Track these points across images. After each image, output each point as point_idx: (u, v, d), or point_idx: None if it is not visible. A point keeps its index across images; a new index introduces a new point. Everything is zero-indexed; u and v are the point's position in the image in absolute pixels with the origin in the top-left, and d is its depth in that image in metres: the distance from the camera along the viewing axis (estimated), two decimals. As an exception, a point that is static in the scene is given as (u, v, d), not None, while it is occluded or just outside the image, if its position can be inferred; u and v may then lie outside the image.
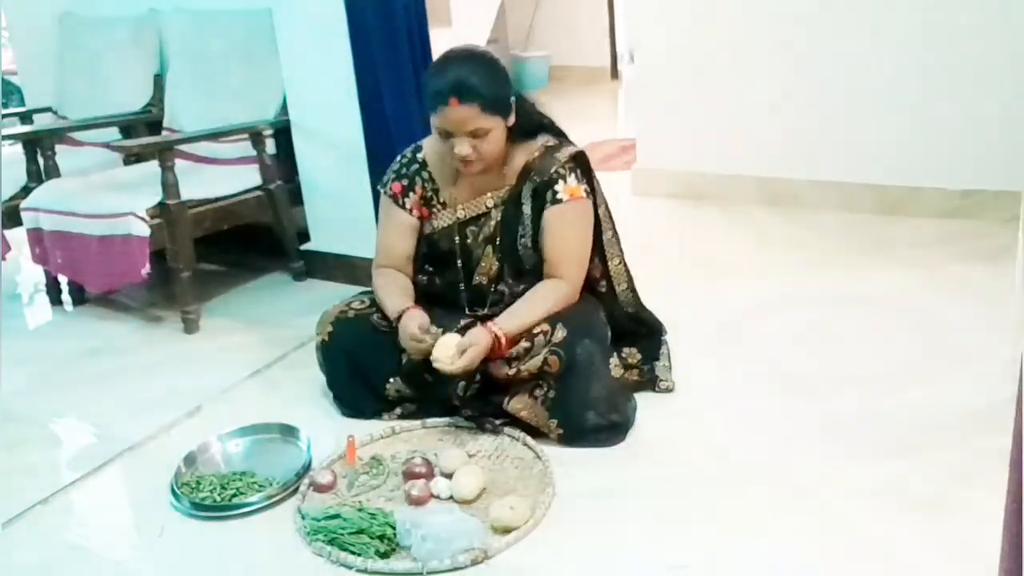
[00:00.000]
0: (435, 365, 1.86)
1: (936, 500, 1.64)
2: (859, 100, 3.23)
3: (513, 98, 1.93)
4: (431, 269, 2.13)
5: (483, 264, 2.07)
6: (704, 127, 3.59)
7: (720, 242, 3.16)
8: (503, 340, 1.87)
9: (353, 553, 1.59)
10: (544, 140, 2.02)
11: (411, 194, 2.07)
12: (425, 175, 2.07)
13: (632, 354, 2.13)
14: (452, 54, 1.94)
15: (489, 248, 2.05)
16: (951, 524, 1.57)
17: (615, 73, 6.84)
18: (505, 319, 1.91)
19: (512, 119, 1.94)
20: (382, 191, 2.11)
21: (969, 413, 1.92)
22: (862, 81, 3.20)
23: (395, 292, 2.03)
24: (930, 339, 2.28)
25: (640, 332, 2.17)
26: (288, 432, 2.03)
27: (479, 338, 1.86)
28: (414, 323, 1.90)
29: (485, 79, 1.86)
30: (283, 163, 3.00)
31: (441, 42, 2.83)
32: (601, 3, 6.64)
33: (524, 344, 1.90)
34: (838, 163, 3.32)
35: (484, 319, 1.97)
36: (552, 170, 1.96)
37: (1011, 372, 1.88)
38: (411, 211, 2.08)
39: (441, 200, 2.07)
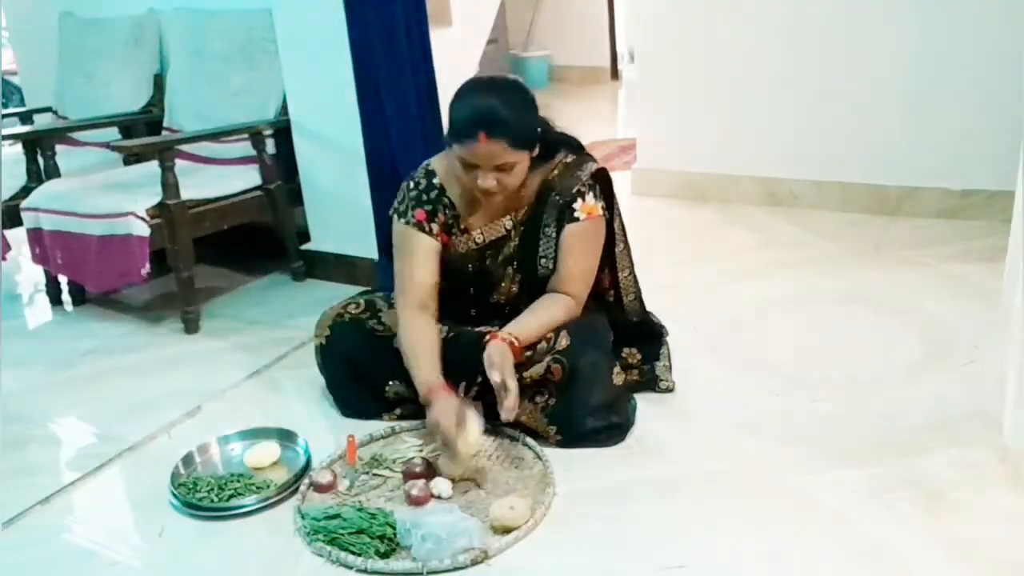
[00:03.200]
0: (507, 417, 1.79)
1: (935, 500, 1.64)
2: (859, 100, 3.23)
3: (540, 129, 1.89)
4: (443, 284, 2.07)
5: (503, 285, 2.05)
6: (704, 127, 3.59)
7: (720, 242, 3.16)
8: (517, 344, 1.83)
9: (353, 553, 1.59)
10: (561, 156, 1.98)
11: (436, 220, 2.00)
12: (446, 200, 2.00)
13: (632, 354, 2.13)
14: (480, 84, 1.87)
15: (510, 269, 2.03)
16: (950, 524, 1.57)
17: (615, 73, 6.83)
18: (513, 326, 1.88)
19: (537, 150, 1.90)
20: (401, 220, 2.00)
21: (968, 413, 1.92)
22: (862, 81, 3.20)
23: (423, 357, 1.89)
24: (930, 339, 2.28)
25: (640, 334, 2.17)
26: (286, 437, 2.02)
27: (502, 350, 1.79)
28: (447, 419, 1.76)
29: (515, 114, 1.80)
30: (283, 163, 3.00)
31: (441, 42, 2.84)
32: (601, 3, 6.64)
33: (526, 352, 1.89)
34: (838, 163, 3.32)
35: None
36: (574, 189, 1.93)
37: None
38: (437, 237, 2.00)
39: (461, 226, 2.02)
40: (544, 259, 1.98)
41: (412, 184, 2.02)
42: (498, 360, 1.78)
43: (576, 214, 1.94)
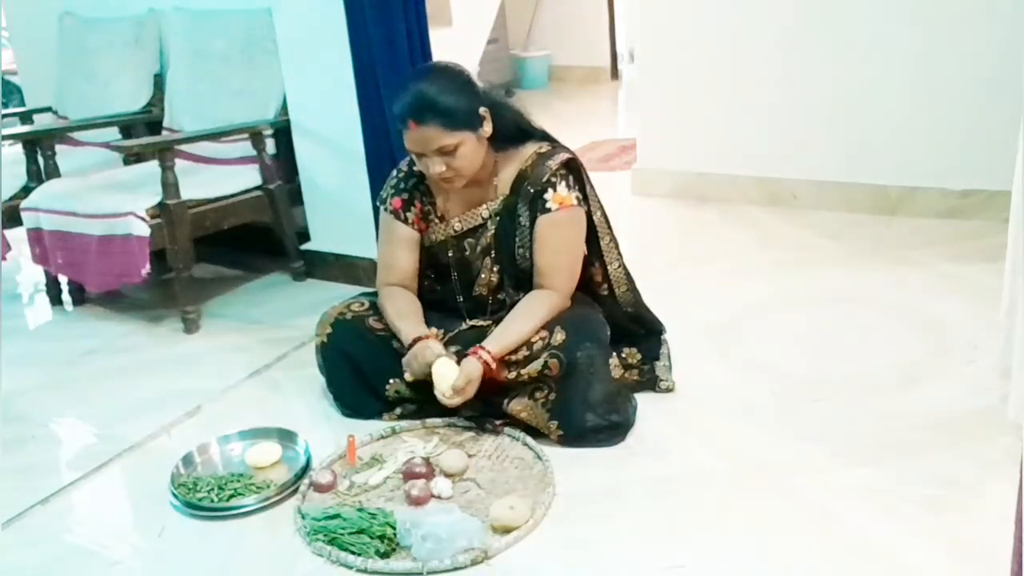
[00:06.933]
0: (440, 400, 1.88)
1: (935, 500, 1.64)
2: (859, 100, 3.23)
3: (484, 108, 1.90)
4: (432, 276, 2.13)
5: (482, 275, 2.06)
6: (704, 127, 3.59)
7: (720, 242, 3.16)
8: (493, 365, 1.87)
9: (353, 553, 1.60)
10: (536, 147, 2.00)
11: (412, 208, 2.06)
12: (423, 188, 2.06)
13: (632, 354, 2.13)
14: (413, 73, 1.94)
15: (487, 259, 2.05)
16: (950, 524, 1.57)
17: (615, 73, 6.84)
18: (493, 341, 1.90)
19: (486, 130, 1.92)
20: (381, 207, 2.09)
21: (968, 413, 1.92)
22: (862, 81, 3.20)
23: (408, 316, 2.01)
24: (930, 339, 2.28)
25: (640, 332, 2.17)
26: (286, 437, 2.02)
27: (472, 371, 1.86)
28: (429, 354, 1.89)
29: (442, 97, 1.83)
30: (283, 163, 3.00)
31: (441, 42, 2.84)
32: (601, 3, 6.64)
33: (523, 351, 1.90)
34: (838, 163, 3.32)
35: (482, 330, 1.98)
36: (544, 179, 1.95)
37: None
38: (412, 225, 2.07)
39: (438, 214, 2.07)
40: (521, 249, 2.00)
41: (395, 172, 2.11)
42: (462, 383, 1.85)
43: (548, 204, 1.95)
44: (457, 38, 4.69)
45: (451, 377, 1.86)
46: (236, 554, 1.69)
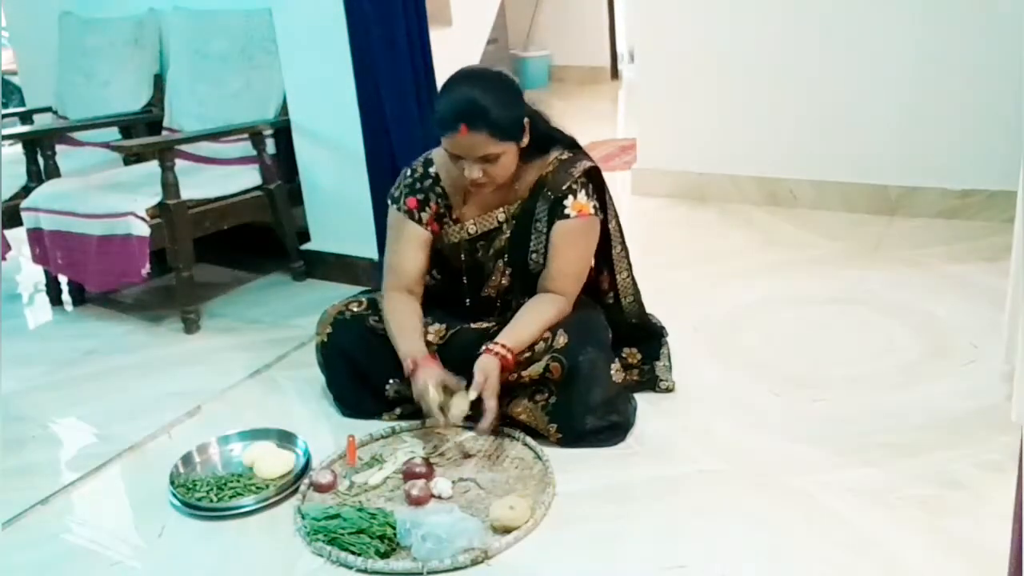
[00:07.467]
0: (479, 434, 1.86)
1: (935, 500, 1.64)
2: (859, 100, 3.23)
3: (526, 119, 1.89)
4: (439, 276, 2.12)
5: (494, 277, 2.06)
6: (704, 127, 3.59)
7: (720, 242, 3.16)
8: (510, 357, 1.86)
9: (353, 553, 1.60)
10: (557, 153, 1.98)
11: (427, 209, 2.03)
12: (439, 190, 2.03)
13: (632, 354, 2.13)
14: (463, 75, 1.89)
15: (500, 262, 2.04)
16: (949, 524, 1.57)
17: (615, 73, 6.84)
18: (506, 336, 1.89)
19: (525, 140, 1.90)
20: (394, 206, 2.04)
21: (969, 413, 1.92)
22: (862, 81, 3.20)
23: (407, 329, 1.97)
24: (930, 339, 2.28)
25: (640, 334, 2.17)
26: (286, 438, 2.01)
27: (489, 367, 1.83)
28: (432, 383, 1.85)
29: (495, 105, 1.81)
30: (283, 163, 3.00)
31: (441, 42, 2.84)
32: (601, 3, 6.64)
33: (525, 352, 1.89)
34: (838, 163, 3.32)
35: (483, 332, 1.98)
36: (566, 185, 1.94)
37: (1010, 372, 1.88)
38: (426, 226, 2.03)
39: (454, 216, 2.05)
40: (535, 254, 1.99)
41: (409, 172, 2.07)
42: (480, 379, 1.82)
43: (567, 211, 1.94)
44: (457, 38, 4.68)
45: (467, 404, 1.84)
46: (236, 554, 1.69)
